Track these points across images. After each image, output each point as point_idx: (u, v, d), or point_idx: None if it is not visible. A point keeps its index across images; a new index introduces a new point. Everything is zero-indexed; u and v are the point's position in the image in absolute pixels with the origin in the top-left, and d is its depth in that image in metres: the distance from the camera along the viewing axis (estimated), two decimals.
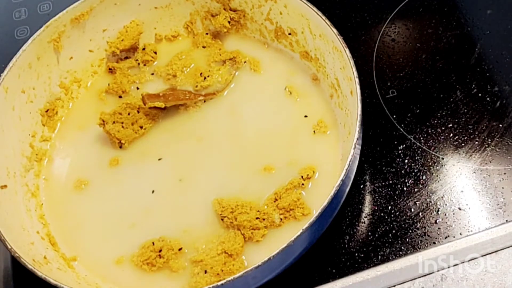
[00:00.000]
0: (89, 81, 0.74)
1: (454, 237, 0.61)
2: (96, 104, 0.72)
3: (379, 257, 0.60)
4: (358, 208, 0.64)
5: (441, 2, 0.78)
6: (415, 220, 0.62)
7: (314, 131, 0.66)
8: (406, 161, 0.66)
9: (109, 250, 0.62)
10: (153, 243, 0.61)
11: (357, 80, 0.59)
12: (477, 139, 0.67)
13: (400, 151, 0.67)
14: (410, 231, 0.62)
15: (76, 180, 0.67)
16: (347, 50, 0.60)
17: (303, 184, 0.62)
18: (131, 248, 0.62)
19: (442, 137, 0.67)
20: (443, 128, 0.68)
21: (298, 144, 0.65)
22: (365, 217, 0.63)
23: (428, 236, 0.61)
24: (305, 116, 0.67)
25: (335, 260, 0.61)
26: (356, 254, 0.61)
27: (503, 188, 0.63)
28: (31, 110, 0.68)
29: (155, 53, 0.74)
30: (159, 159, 0.67)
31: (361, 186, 0.65)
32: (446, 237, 0.61)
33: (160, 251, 0.60)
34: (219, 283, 0.51)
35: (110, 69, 0.74)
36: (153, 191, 0.65)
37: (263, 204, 0.62)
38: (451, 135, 0.67)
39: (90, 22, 0.71)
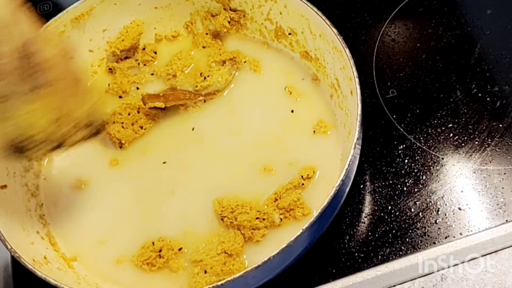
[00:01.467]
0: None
1: (454, 237, 0.61)
2: None
3: (379, 257, 0.60)
4: (358, 208, 0.64)
5: (441, 2, 0.78)
6: (415, 220, 0.62)
7: (314, 131, 0.66)
8: (406, 161, 0.66)
9: (109, 250, 0.62)
10: (153, 243, 0.61)
11: (357, 80, 0.59)
12: (477, 139, 0.67)
13: (400, 151, 0.67)
14: (410, 231, 0.62)
15: (76, 180, 0.67)
16: (347, 50, 0.60)
17: (303, 184, 0.62)
18: (131, 248, 0.62)
19: (442, 137, 0.67)
20: (443, 128, 0.68)
21: (298, 144, 0.65)
22: (365, 217, 0.63)
23: (428, 236, 0.61)
24: (305, 116, 0.67)
25: (335, 260, 0.61)
26: (356, 254, 0.61)
27: (503, 188, 0.63)
28: None
29: (155, 53, 0.74)
30: (159, 159, 0.67)
31: (361, 186, 0.65)
32: (446, 237, 0.61)
33: (160, 251, 0.60)
34: (219, 283, 0.51)
35: (110, 69, 0.74)
36: (152, 191, 0.65)
37: (263, 204, 0.62)
38: (451, 135, 0.67)
39: (90, 22, 0.71)
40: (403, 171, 0.65)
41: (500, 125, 0.67)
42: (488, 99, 0.69)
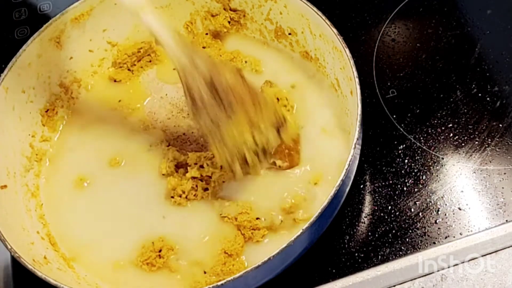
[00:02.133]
0: (89, 81, 0.73)
1: (454, 237, 0.61)
2: (96, 104, 0.72)
3: (379, 257, 0.60)
4: (358, 208, 0.64)
5: (441, 2, 0.78)
6: (415, 220, 0.62)
7: (314, 131, 0.66)
8: (406, 161, 0.66)
9: (109, 250, 0.62)
10: (153, 243, 0.61)
11: (357, 80, 0.59)
12: (477, 139, 0.67)
13: (400, 151, 0.67)
14: (410, 231, 0.62)
15: (76, 180, 0.67)
16: (347, 50, 0.60)
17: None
18: (131, 248, 0.62)
19: (442, 137, 0.67)
20: (443, 128, 0.68)
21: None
22: (365, 217, 0.63)
23: (428, 236, 0.61)
24: (305, 116, 0.67)
25: (335, 260, 0.61)
26: (356, 254, 0.61)
27: (503, 188, 0.63)
28: (31, 110, 0.68)
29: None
30: (159, 158, 0.67)
31: (361, 186, 0.65)
32: (446, 237, 0.61)
33: (160, 251, 0.60)
34: (219, 283, 0.51)
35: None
36: (152, 191, 0.65)
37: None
38: (451, 135, 0.67)
39: (90, 22, 0.71)
40: (403, 171, 0.65)
41: (500, 125, 0.67)
42: (488, 99, 0.69)
